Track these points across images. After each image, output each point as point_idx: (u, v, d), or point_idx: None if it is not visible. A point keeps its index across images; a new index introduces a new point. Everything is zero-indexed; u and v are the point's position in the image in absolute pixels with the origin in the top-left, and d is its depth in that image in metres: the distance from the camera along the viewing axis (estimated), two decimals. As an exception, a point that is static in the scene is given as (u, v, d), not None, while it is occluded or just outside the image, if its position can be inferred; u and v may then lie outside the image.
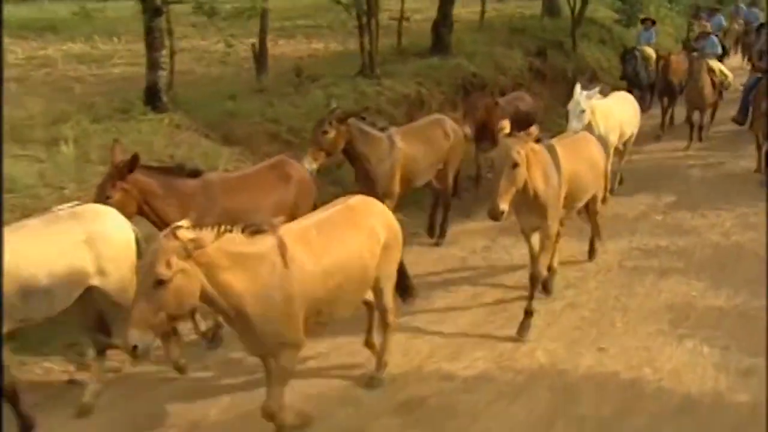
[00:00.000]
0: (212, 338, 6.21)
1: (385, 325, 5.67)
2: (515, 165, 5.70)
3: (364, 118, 8.07)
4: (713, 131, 13.71)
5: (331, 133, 7.39)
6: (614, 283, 7.61)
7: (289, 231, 4.60)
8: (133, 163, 5.52)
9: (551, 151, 6.50)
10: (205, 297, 4.13)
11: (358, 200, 5.33)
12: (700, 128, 12.95)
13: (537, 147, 6.25)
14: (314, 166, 7.16)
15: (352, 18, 12.77)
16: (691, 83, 12.89)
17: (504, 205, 5.67)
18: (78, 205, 5.33)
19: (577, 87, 9.03)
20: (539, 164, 6.20)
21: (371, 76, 12.42)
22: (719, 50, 14.58)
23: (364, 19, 12.27)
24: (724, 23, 19.98)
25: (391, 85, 12.48)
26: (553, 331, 6.54)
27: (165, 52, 10.02)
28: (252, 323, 4.31)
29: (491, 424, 5.19)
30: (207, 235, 3.97)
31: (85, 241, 4.98)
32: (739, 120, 12.48)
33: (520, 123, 8.50)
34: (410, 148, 8.17)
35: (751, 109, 11.83)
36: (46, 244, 4.84)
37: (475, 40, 15.69)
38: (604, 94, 9.96)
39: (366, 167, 7.81)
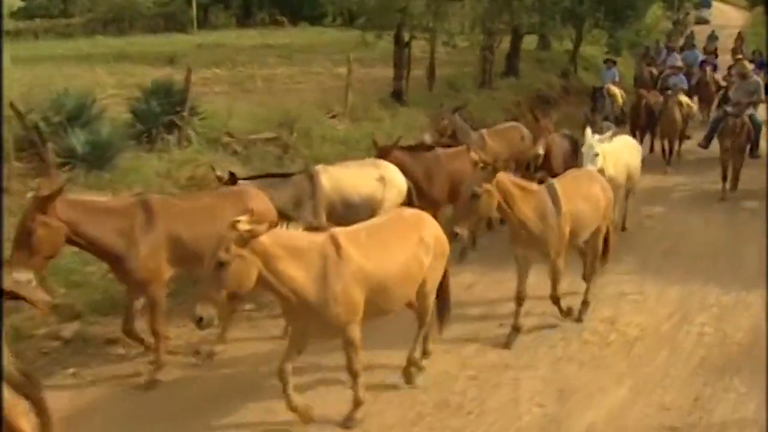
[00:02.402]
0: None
1: (422, 333, 6.12)
2: (475, 196, 6.30)
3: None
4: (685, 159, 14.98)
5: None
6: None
7: (341, 231, 5.38)
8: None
9: (551, 190, 6.96)
10: (263, 281, 4.81)
11: (411, 212, 6.12)
12: (670, 153, 14.32)
13: (533, 186, 6.86)
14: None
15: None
16: (665, 116, 14.33)
17: (460, 230, 6.28)
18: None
19: (588, 131, 9.26)
20: (533, 202, 6.74)
21: (489, 87, 16.50)
22: (686, 85, 16.23)
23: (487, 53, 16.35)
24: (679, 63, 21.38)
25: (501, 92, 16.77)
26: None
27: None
28: (312, 306, 5.01)
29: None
30: (261, 227, 4.69)
31: (378, 179, 7.94)
32: (704, 145, 13.44)
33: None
34: (496, 145, 10.51)
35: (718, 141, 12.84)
36: (358, 176, 7.89)
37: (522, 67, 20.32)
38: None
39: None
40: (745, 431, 5.38)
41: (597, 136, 9.05)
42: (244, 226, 4.62)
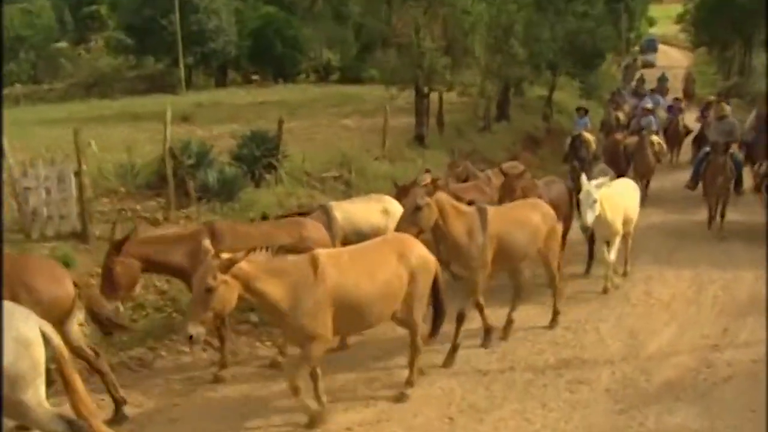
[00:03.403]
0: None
1: (412, 344, 6.96)
2: (418, 207, 7.37)
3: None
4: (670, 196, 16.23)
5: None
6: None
7: (324, 252, 6.32)
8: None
9: (482, 213, 7.95)
10: (245, 299, 5.83)
11: (395, 236, 7.12)
12: (645, 188, 15.20)
13: (465, 208, 7.93)
14: None
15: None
16: (639, 155, 15.72)
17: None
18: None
19: (584, 177, 9.80)
20: (464, 222, 7.78)
21: (488, 131, 19.57)
22: (655, 127, 17.71)
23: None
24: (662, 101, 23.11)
25: (498, 135, 19.84)
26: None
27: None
28: (286, 318, 5.96)
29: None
30: (238, 256, 5.64)
31: (382, 211, 9.16)
32: (691, 186, 14.19)
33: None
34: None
35: (701, 179, 13.65)
36: (366, 210, 9.16)
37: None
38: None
39: None
40: (758, 346, 8.13)
41: (594, 182, 9.67)
42: (225, 256, 5.65)
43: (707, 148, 14.03)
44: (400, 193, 9.86)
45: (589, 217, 9.40)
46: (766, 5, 15.67)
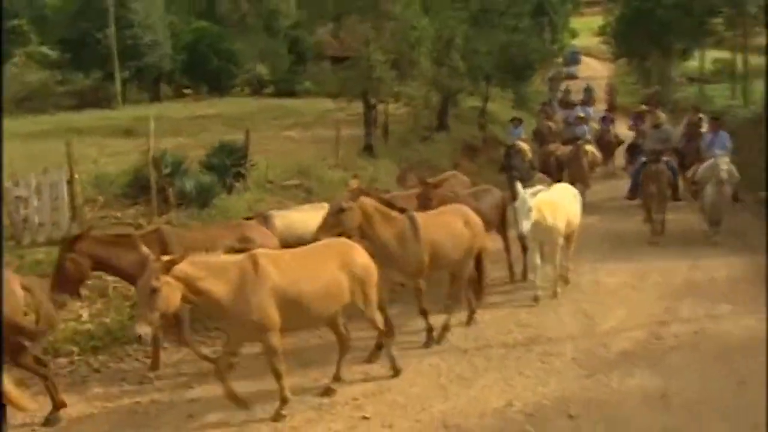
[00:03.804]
0: None
1: (378, 333, 7.67)
2: (341, 209, 7.78)
3: None
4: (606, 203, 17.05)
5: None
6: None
7: (263, 252, 6.76)
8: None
9: (412, 220, 8.36)
10: (189, 299, 6.25)
11: (341, 241, 7.47)
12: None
13: (394, 214, 8.30)
14: None
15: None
16: (575, 164, 16.28)
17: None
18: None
19: (519, 186, 10.00)
20: (393, 228, 8.18)
21: (431, 139, 20.78)
22: (589, 136, 18.67)
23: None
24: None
25: (439, 144, 21.08)
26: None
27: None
28: (230, 315, 6.42)
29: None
30: (177, 257, 6.08)
31: None
32: (631, 197, 14.78)
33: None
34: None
35: (641, 188, 14.12)
36: (309, 218, 9.19)
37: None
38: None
39: None
40: (697, 322, 9.36)
41: (530, 190, 9.93)
42: (165, 258, 6.09)
43: (644, 158, 14.47)
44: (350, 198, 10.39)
45: (525, 225, 9.67)
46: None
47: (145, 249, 6.48)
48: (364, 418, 6.84)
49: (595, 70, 58.84)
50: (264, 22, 41.88)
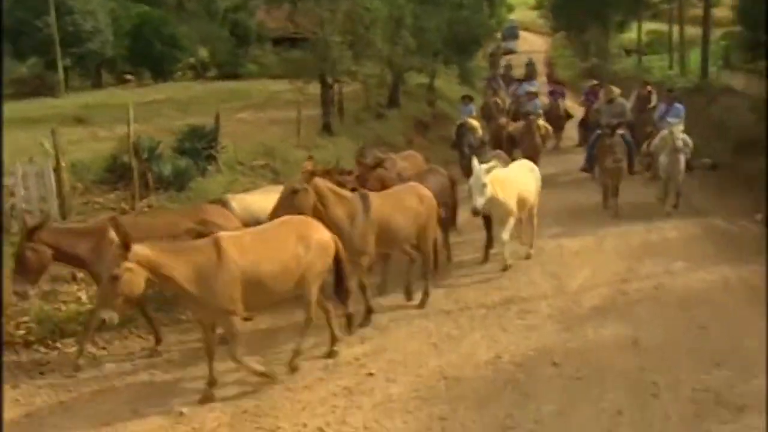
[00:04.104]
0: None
1: (306, 318, 7.66)
2: (294, 191, 8.04)
3: None
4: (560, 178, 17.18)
5: None
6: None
7: (225, 235, 7.03)
8: None
9: (364, 199, 8.67)
10: (155, 283, 6.53)
11: (298, 218, 7.68)
12: None
13: (346, 193, 8.62)
14: None
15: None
16: (527, 138, 16.46)
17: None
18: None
19: (475, 162, 10.28)
20: (346, 207, 8.46)
21: (384, 117, 21.45)
22: (540, 110, 18.82)
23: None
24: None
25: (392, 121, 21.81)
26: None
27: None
28: (194, 297, 6.65)
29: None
30: (137, 246, 6.30)
31: None
32: (587, 168, 15.29)
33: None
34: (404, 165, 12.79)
35: (596, 161, 14.51)
36: (266, 200, 8.94)
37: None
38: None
39: None
40: (657, 278, 10.25)
41: (484, 166, 10.15)
42: (134, 246, 6.28)
43: (599, 131, 14.70)
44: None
45: (479, 201, 9.93)
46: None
47: (112, 235, 6.72)
48: (369, 374, 7.50)
49: (533, 44, 59.96)
50: (203, 5, 41.85)
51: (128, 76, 38.11)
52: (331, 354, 7.94)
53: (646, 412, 6.56)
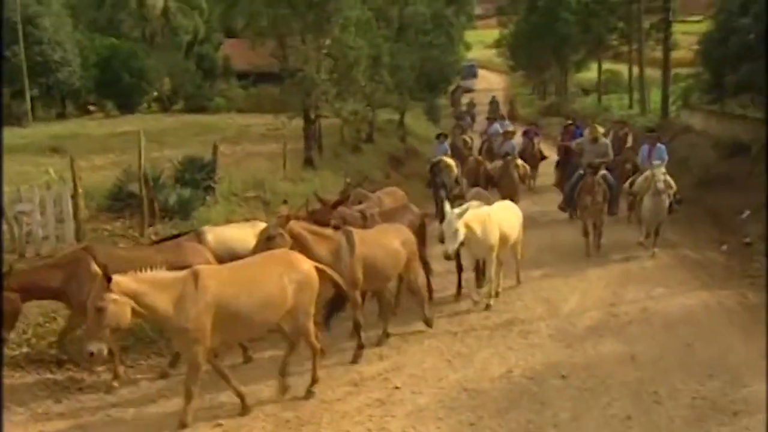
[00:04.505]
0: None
1: (311, 349, 7.91)
2: (270, 237, 8.28)
3: None
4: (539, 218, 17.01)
5: None
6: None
7: (204, 268, 7.27)
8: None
9: (348, 236, 8.86)
10: (139, 313, 6.69)
11: (281, 251, 7.94)
12: None
13: (328, 232, 8.83)
14: None
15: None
16: (506, 178, 16.50)
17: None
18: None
19: (447, 206, 10.37)
20: (329, 245, 8.66)
21: (360, 152, 22.34)
22: (517, 150, 19.04)
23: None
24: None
25: (368, 156, 22.70)
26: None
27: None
28: (172, 326, 6.92)
29: None
30: (118, 277, 6.51)
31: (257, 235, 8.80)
32: (564, 208, 15.42)
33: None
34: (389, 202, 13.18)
35: (576, 200, 14.44)
36: (242, 234, 9.58)
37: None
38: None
39: None
40: (642, 302, 11.15)
41: (456, 210, 10.17)
42: (116, 277, 6.45)
43: (581, 170, 14.74)
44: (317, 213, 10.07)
45: (450, 246, 9.97)
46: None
47: (95, 267, 6.95)
48: (396, 387, 8.19)
49: (491, 82, 61.74)
50: (168, 38, 42.41)
51: (91, 107, 38.45)
52: (307, 395, 7.98)
53: (652, 417, 7.39)
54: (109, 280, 6.45)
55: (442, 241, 10.22)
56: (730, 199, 16.91)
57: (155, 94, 39.35)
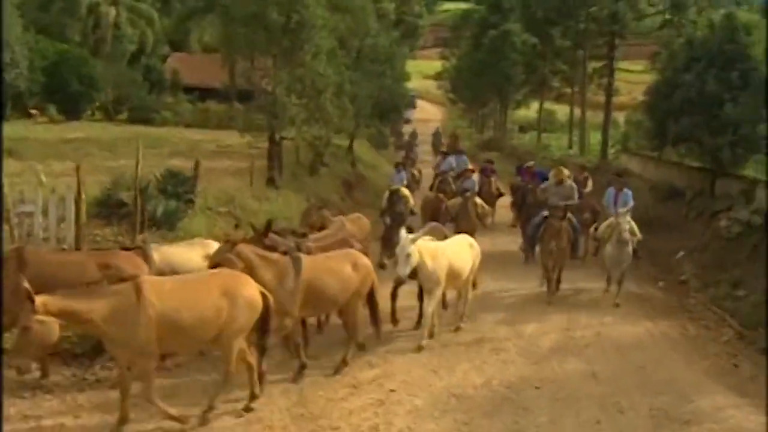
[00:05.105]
0: None
1: (225, 371, 8.01)
2: (218, 264, 8.48)
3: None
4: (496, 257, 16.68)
5: None
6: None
7: (147, 280, 7.48)
8: None
9: (296, 261, 9.08)
10: (77, 327, 7.19)
11: (228, 272, 8.18)
12: None
13: (274, 256, 9.06)
14: None
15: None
16: (463, 216, 16.58)
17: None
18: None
19: (403, 231, 10.62)
20: (274, 270, 8.88)
21: (316, 174, 23.40)
22: (476, 188, 19.04)
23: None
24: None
25: (324, 179, 23.80)
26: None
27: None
28: (112, 339, 7.12)
29: None
30: (43, 298, 6.73)
31: (204, 257, 9.66)
32: (527, 250, 15.57)
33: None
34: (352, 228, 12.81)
35: (539, 243, 14.32)
36: (188, 253, 9.99)
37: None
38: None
39: None
40: (595, 328, 12.46)
41: (411, 236, 10.52)
42: (35, 298, 6.66)
43: (545, 213, 14.75)
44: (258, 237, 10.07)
45: (402, 270, 10.28)
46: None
47: (26, 284, 6.85)
48: (392, 390, 9.27)
49: (429, 114, 63.39)
50: (113, 46, 42.59)
51: (33, 111, 38.33)
52: (246, 408, 8.35)
53: (618, 424, 8.68)
54: (32, 300, 6.70)
55: (381, 266, 11.52)
56: (667, 240, 18.63)
57: (97, 103, 39.46)
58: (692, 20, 26.79)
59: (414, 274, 10.76)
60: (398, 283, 10.62)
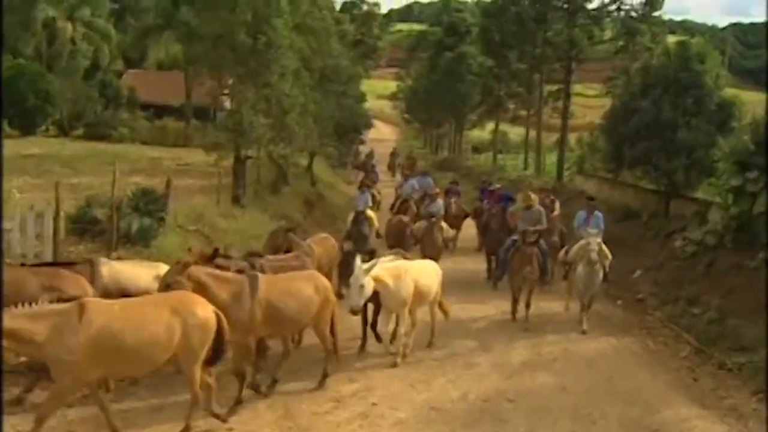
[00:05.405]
0: None
1: (191, 395, 8.01)
2: (168, 285, 8.46)
3: None
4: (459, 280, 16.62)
5: None
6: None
7: (91, 301, 7.52)
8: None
9: (252, 280, 9.09)
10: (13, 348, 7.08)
11: (180, 293, 8.18)
12: None
13: (228, 275, 9.08)
14: None
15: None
16: (428, 240, 16.77)
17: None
18: None
19: (358, 260, 10.56)
20: (230, 288, 8.85)
21: (279, 192, 23.70)
22: (443, 212, 18.49)
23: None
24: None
25: (286, 197, 24.12)
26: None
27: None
28: (47, 355, 7.12)
29: None
30: None
31: (155, 277, 9.65)
32: (498, 276, 15.55)
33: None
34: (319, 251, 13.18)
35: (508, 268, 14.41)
36: (138, 273, 10.04)
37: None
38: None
39: None
40: (560, 344, 12.96)
41: (365, 266, 10.43)
42: None
43: (514, 238, 14.84)
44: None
45: (355, 301, 10.22)
46: None
47: None
48: (374, 404, 9.62)
49: (383, 133, 63.95)
50: (67, 62, 42.27)
51: (-14, 127, 37.90)
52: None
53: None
54: None
55: (339, 295, 11.63)
56: (624, 260, 19.19)
57: (51, 119, 39.15)
58: (647, 47, 27.78)
59: (375, 298, 11.01)
60: (353, 312, 10.51)
